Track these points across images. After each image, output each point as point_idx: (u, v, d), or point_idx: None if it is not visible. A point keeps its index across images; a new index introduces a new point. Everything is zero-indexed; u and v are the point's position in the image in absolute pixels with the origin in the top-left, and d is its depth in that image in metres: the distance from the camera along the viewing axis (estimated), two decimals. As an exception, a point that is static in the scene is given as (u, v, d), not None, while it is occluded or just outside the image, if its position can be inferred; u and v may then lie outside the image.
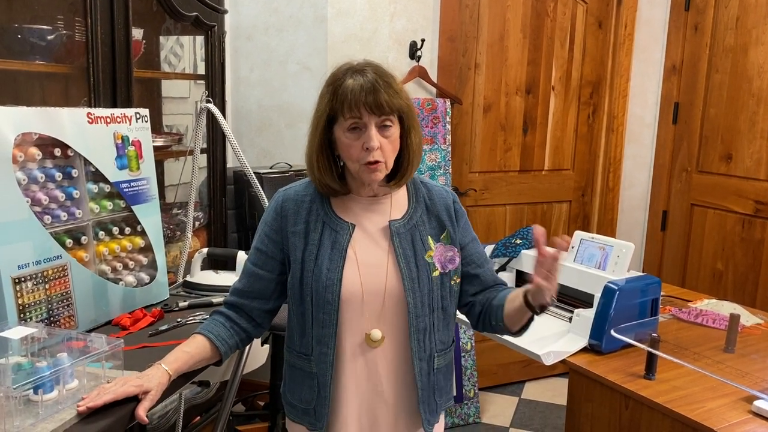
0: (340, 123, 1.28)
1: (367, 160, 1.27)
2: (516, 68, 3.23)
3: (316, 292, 1.31)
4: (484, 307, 1.44)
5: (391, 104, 1.26)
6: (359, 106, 1.24)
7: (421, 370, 1.35)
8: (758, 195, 2.91)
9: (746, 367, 1.63)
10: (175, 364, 1.28)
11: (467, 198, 3.22)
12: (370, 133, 1.25)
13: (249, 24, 3.01)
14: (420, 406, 1.36)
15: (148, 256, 1.79)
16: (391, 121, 1.28)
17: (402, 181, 1.36)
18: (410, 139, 1.33)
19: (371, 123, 1.26)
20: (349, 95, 1.24)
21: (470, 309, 1.47)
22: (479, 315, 1.45)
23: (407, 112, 1.31)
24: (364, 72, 1.27)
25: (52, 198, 1.51)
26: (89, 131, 1.59)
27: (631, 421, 1.54)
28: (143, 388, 1.20)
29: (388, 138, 1.28)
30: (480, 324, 1.46)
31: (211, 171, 2.54)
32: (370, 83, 1.25)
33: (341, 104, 1.26)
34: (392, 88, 1.27)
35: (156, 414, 2.32)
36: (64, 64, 1.90)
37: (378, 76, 1.26)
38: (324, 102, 1.30)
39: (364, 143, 1.26)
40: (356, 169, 1.29)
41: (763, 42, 2.85)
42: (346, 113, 1.25)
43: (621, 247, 1.86)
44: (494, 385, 3.44)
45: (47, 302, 1.46)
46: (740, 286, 3.00)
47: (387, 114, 1.26)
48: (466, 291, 1.45)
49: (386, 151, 1.28)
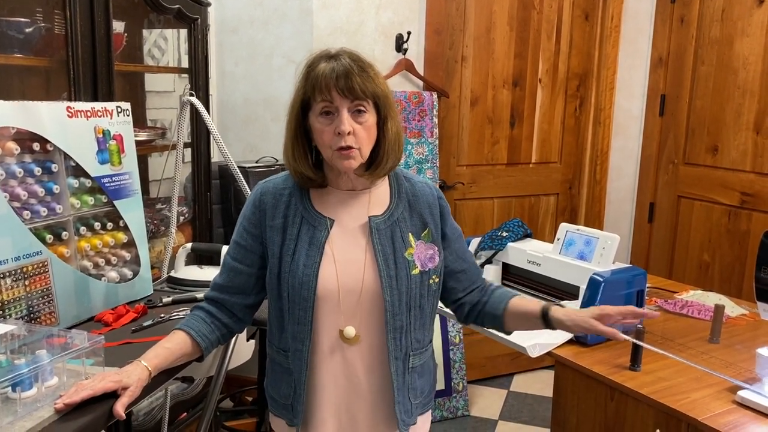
0: (314, 108, 1.26)
1: (339, 145, 1.24)
2: (503, 61, 3.22)
3: (293, 288, 1.29)
4: (475, 310, 1.44)
5: (364, 89, 1.24)
6: (330, 89, 1.22)
7: (397, 369, 1.33)
8: (744, 186, 2.92)
9: (731, 357, 1.63)
10: (155, 361, 1.26)
11: (455, 191, 3.22)
12: (341, 117, 1.23)
13: (234, 17, 2.99)
14: (396, 407, 1.34)
15: (131, 251, 1.77)
16: (365, 106, 1.25)
17: (378, 172, 1.32)
18: (387, 128, 1.30)
19: (343, 107, 1.24)
20: (320, 78, 1.23)
21: (458, 308, 1.47)
22: (467, 314, 1.46)
23: (383, 100, 1.28)
24: (338, 57, 1.26)
25: (32, 193, 1.48)
26: (69, 125, 1.57)
27: (616, 412, 1.54)
28: (122, 383, 1.18)
29: (362, 124, 1.25)
30: (469, 322, 1.48)
31: (195, 165, 2.52)
32: (342, 67, 1.23)
33: (312, 88, 1.24)
34: (366, 73, 1.25)
35: (142, 411, 2.30)
36: (43, 57, 1.87)
37: (352, 61, 1.25)
38: (298, 88, 1.29)
39: (336, 128, 1.24)
40: (329, 155, 1.27)
41: (748, 34, 2.85)
42: (317, 96, 1.24)
43: (606, 239, 1.86)
44: (483, 377, 3.44)
45: (27, 299, 1.45)
46: (726, 277, 3.02)
47: (360, 99, 1.24)
48: (454, 288, 1.44)
49: (360, 138, 1.25)
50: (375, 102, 1.28)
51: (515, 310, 1.41)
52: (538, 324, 1.38)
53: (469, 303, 1.45)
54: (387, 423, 1.38)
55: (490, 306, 1.43)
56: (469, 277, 1.45)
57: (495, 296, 1.44)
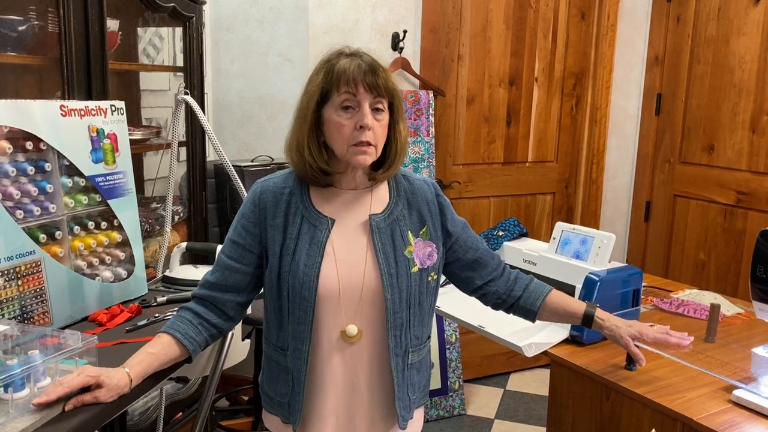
0: (333, 101, 1.26)
1: (358, 140, 1.24)
2: (499, 60, 3.22)
3: (293, 288, 1.29)
4: (506, 303, 1.49)
5: (387, 86, 1.27)
6: (357, 82, 1.24)
7: (397, 365, 1.34)
8: (740, 185, 2.93)
9: (726, 356, 1.63)
10: (138, 368, 1.23)
11: (451, 190, 3.21)
12: (364, 110, 1.24)
13: (229, 15, 2.98)
14: (396, 403, 1.35)
15: (126, 251, 1.76)
16: (383, 105, 1.28)
17: (387, 173, 1.34)
18: (398, 130, 1.32)
19: (366, 101, 1.25)
20: (348, 71, 1.24)
21: (482, 297, 1.50)
22: (496, 305, 1.51)
23: (398, 100, 1.32)
24: (359, 55, 1.28)
25: (25, 192, 1.47)
26: (62, 124, 1.56)
27: (612, 412, 1.54)
28: (98, 380, 1.15)
29: (379, 122, 1.27)
30: (497, 309, 1.53)
31: (190, 164, 2.51)
32: (367, 64, 1.26)
33: (337, 81, 1.25)
34: (386, 73, 1.28)
35: (137, 411, 2.29)
36: (36, 55, 1.86)
37: (374, 59, 1.28)
38: (316, 81, 1.28)
39: (358, 122, 1.24)
40: (344, 151, 1.27)
41: (744, 33, 2.85)
42: (342, 88, 1.24)
43: (602, 238, 1.86)
44: (479, 376, 3.45)
45: (20, 299, 1.44)
46: (722, 276, 3.02)
47: (382, 96, 1.26)
48: (471, 278, 1.47)
49: (378, 135, 1.27)
50: (390, 102, 1.30)
51: (554, 308, 1.48)
52: (575, 321, 1.48)
53: (495, 294, 1.48)
54: (385, 419, 1.39)
55: (525, 301, 1.48)
56: (484, 264, 1.47)
57: (530, 291, 1.48)
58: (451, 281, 1.52)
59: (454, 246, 1.43)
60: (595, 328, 1.46)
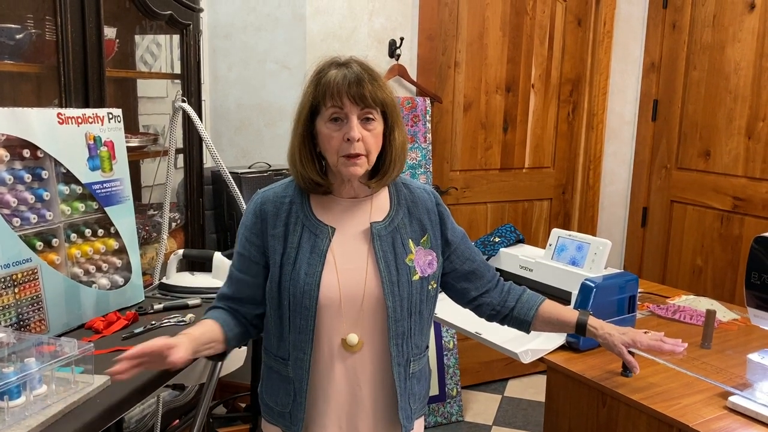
0: (322, 114, 1.27)
1: (347, 152, 1.25)
2: (496, 66, 3.23)
3: (294, 297, 1.29)
4: (500, 315, 1.48)
5: (374, 96, 1.25)
6: (341, 95, 1.23)
7: (399, 375, 1.33)
8: (736, 191, 2.93)
9: (722, 363, 1.63)
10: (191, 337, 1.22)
11: (448, 196, 3.22)
12: (351, 123, 1.24)
13: (227, 22, 2.99)
14: (399, 413, 1.34)
15: (122, 258, 1.77)
16: (374, 114, 1.27)
17: (383, 181, 1.34)
18: (393, 137, 1.32)
19: (353, 114, 1.25)
20: (332, 84, 1.24)
21: (477, 308, 1.49)
22: (490, 317, 1.50)
23: (391, 109, 1.30)
24: (348, 65, 1.27)
25: (21, 200, 1.48)
26: (59, 132, 1.57)
27: (608, 418, 1.54)
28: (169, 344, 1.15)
29: (370, 131, 1.27)
30: (491, 321, 1.51)
31: (187, 171, 2.51)
32: (354, 74, 1.25)
33: (323, 94, 1.25)
34: (376, 81, 1.27)
35: (134, 418, 2.29)
36: (34, 63, 1.86)
37: (363, 69, 1.27)
38: (307, 94, 1.29)
39: (345, 134, 1.24)
40: (335, 162, 1.27)
41: (739, 39, 2.87)
42: (328, 102, 1.24)
43: (598, 245, 1.86)
44: (477, 383, 3.44)
45: (17, 306, 1.44)
46: (719, 282, 3.02)
47: (370, 106, 1.25)
48: (467, 289, 1.46)
49: (369, 144, 1.26)
50: (383, 110, 1.29)
51: (547, 317, 1.46)
52: (568, 330, 1.48)
53: (489, 305, 1.47)
54: (388, 429, 1.38)
55: (519, 312, 1.47)
56: (480, 276, 1.47)
57: (523, 302, 1.47)
58: (445, 292, 1.50)
59: (452, 256, 1.43)
60: (589, 336, 1.45)
